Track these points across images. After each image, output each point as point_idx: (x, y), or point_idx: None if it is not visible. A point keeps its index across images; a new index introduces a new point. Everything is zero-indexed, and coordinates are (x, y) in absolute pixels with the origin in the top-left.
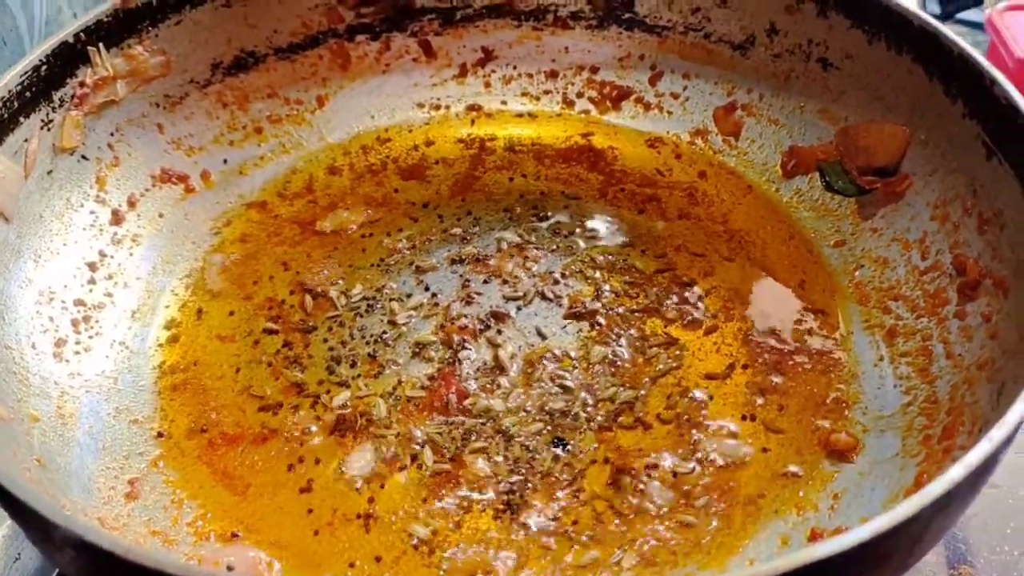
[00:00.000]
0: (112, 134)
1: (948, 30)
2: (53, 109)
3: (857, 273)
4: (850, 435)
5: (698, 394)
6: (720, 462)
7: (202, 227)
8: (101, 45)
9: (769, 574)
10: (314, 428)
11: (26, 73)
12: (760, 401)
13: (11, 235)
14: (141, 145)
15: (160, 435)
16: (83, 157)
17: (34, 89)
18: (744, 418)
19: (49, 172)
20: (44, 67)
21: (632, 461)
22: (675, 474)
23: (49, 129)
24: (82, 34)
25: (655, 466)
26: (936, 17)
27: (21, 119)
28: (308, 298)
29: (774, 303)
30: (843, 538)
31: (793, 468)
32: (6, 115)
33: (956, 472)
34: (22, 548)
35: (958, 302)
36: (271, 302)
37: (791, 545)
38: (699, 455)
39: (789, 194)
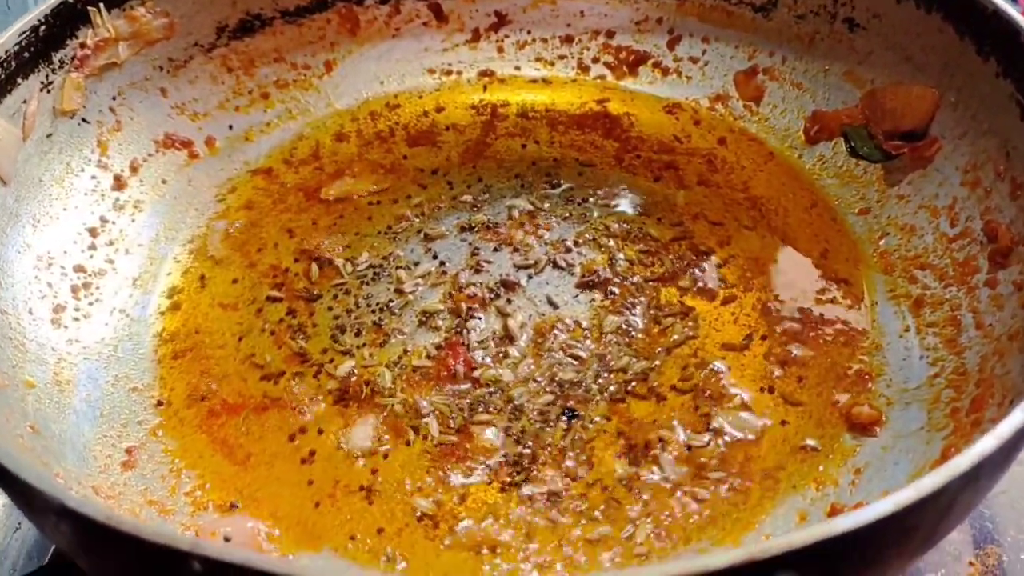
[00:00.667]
0: (114, 98)
1: None
2: (53, 71)
3: (882, 241)
4: (873, 408)
5: (715, 365)
6: (736, 435)
7: (206, 194)
8: (102, 5)
9: (785, 548)
10: (317, 398)
11: (24, 33)
12: (779, 373)
13: (8, 199)
14: (144, 109)
15: (160, 403)
16: (84, 120)
17: (33, 50)
18: (762, 390)
19: (49, 135)
20: (43, 27)
21: (645, 433)
22: (689, 447)
23: (49, 91)
24: None
25: (669, 439)
26: None
27: (19, 80)
28: (313, 266)
29: (795, 273)
30: (865, 511)
31: (812, 442)
32: (3, 76)
33: (987, 443)
34: (22, 518)
35: (989, 270)
36: (275, 270)
37: (810, 521)
38: (714, 427)
39: (812, 161)
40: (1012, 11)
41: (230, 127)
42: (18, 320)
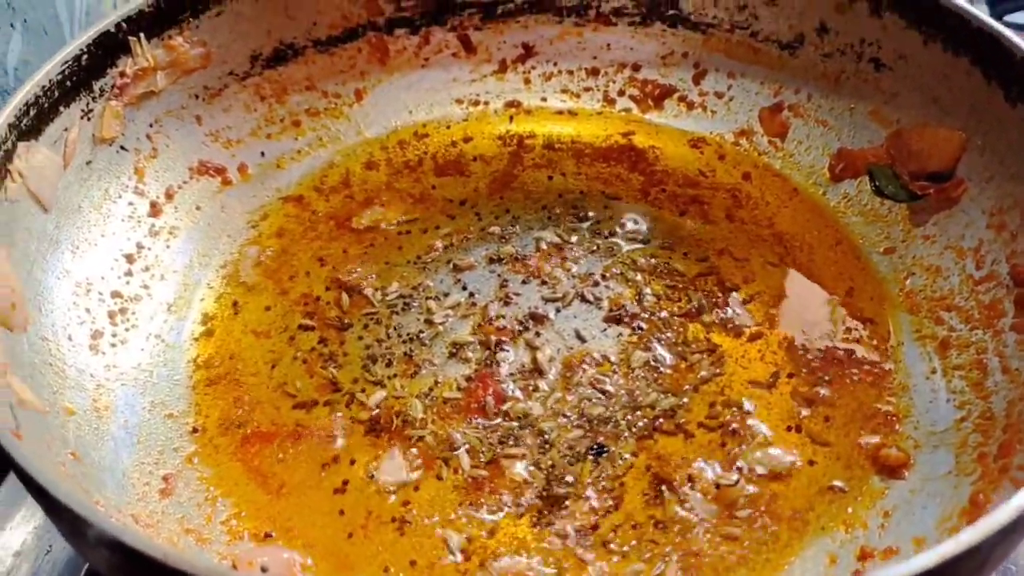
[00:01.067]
0: (151, 125)
1: (1010, 32)
2: (93, 99)
3: (908, 281)
4: (901, 450)
5: (742, 403)
6: (764, 473)
7: (238, 220)
8: (142, 35)
9: None
10: (349, 427)
11: (67, 62)
12: (806, 412)
13: (49, 225)
14: (179, 137)
15: (195, 430)
16: (122, 148)
17: (75, 78)
18: (789, 429)
19: (88, 162)
20: (85, 56)
21: (673, 470)
22: (718, 485)
23: (89, 119)
24: (124, 24)
25: (698, 477)
26: None
27: (61, 108)
28: (344, 295)
29: (821, 311)
30: (905, 565)
31: (840, 483)
32: (47, 104)
33: (1022, 498)
34: (53, 540)
35: (1015, 314)
36: (307, 298)
37: (839, 564)
38: (742, 466)
39: (837, 198)
40: None
41: (262, 154)
42: (58, 346)
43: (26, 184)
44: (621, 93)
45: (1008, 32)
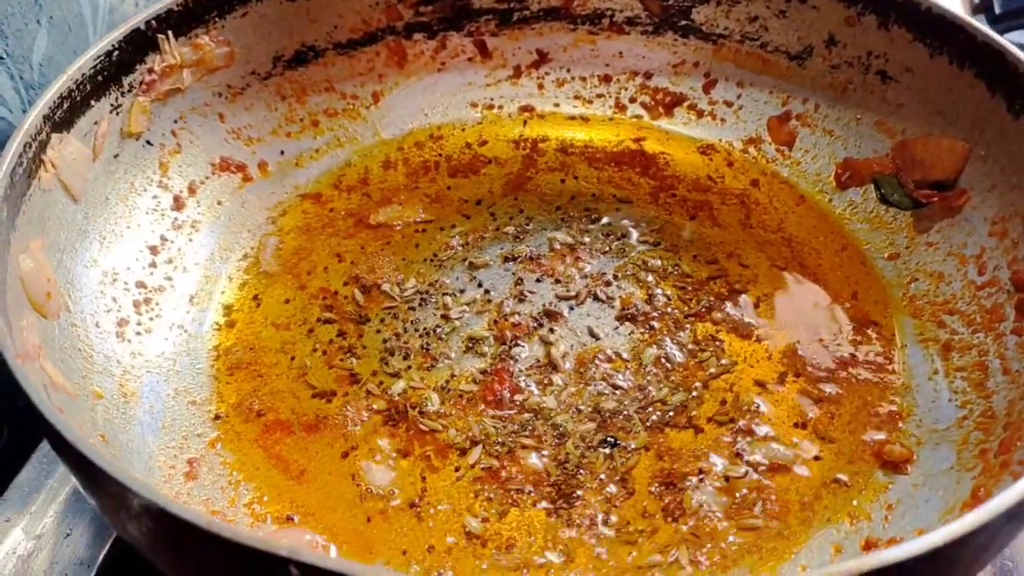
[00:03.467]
0: (176, 121)
1: (1014, 47)
2: (122, 94)
3: (911, 286)
4: (904, 447)
5: (750, 400)
6: (772, 468)
7: (258, 216)
8: (170, 33)
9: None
10: (367, 418)
11: (99, 57)
12: (812, 410)
13: (78, 215)
14: (203, 133)
15: (217, 417)
16: (148, 142)
17: (106, 73)
18: (796, 426)
19: (116, 156)
20: (116, 52)
21: (684, 464)
22: (727, 478)
23: (118, 113)
24: (153, 22)
25: (708, 469)
26: None
27: (92, 102)
28: (361, 290)
29: (826, 313)
30: (915, 543)
31: (845, 477)
32: (79, 97)
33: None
34: (73, 525)
35: (1016, 318)
36: (325, 292)
37: (845, 553)
38: (750, 459)
39: (843, 205)
40: None
41: (282, 152)
42: (86, 333)
43: (58, 175)
44: (632, 100)
45: (1012, 47)
